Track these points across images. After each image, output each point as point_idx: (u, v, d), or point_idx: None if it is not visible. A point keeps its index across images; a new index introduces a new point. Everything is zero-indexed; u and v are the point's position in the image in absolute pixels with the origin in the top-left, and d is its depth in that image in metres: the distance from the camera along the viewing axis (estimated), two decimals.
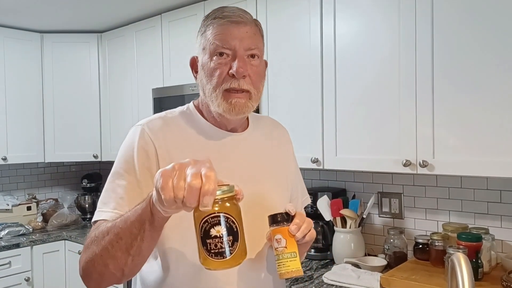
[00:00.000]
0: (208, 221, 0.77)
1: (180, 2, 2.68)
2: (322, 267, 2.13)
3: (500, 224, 1.89)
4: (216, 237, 0.77)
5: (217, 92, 1.04)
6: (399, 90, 1.80)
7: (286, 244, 0.95)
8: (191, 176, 0.72)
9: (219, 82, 1.04)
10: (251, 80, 1.05)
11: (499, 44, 1.55)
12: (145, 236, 0.85)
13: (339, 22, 1.98)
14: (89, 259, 0.91)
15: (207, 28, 1.07)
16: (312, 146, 2.08)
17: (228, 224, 0.78)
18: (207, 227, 0.77)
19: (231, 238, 0.78)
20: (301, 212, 1.01)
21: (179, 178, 0.73)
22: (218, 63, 1.04)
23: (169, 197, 0.72)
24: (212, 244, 0.77)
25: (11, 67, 3.14)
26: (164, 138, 1.06)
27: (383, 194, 2.25)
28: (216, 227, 0.77)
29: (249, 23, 1.06)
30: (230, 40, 1.03)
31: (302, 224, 0.96)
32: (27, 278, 2.91)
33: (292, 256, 0.95)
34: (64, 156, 3.34)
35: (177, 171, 0.74)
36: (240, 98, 1.04)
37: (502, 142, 1.55)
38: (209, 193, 0.72)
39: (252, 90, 1.05)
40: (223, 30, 1.04)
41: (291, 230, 0.95)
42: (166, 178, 0.73)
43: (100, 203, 1.02)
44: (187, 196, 0.72)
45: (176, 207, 0.74)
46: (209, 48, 1.05)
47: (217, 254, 0.78)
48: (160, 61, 2.85)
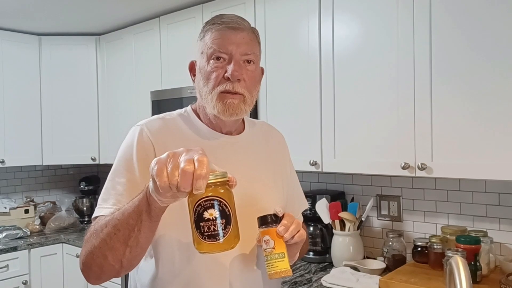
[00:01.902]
0: (201, 204, 0.80)
1: (178, 5, 2.69)
2: (321, 270, 2.12)
3: (498, 226, 1.89)
4: (209, 219, 0.80)
5: (212, 94, 1.07)
6: (397, 93, 1.80)
7: (274, 245, 0.97)
8: (185, 162, 0.76)
9: (215, 84, 1.07)
10: (245, 84, 1.08)
11: (497, 49, 1.55)
12: (142, 227, 0.87)
13: (337, 26, 1.99)
14: (89, 252, 0.94)
15: (206, 33, 1.11)
16: (310, 149, 2.08)
17: (221, 208, 0.81)
18: (201, 210, 0.80)
19: (224, 221, 0.81)
20: (290, 213, 1.02)
21: (173, 165, 0.76)
22: (214, 66, 1.07)
23: (164, 183, 0.76)
24: (206, 227, 0.80)
25: (9, 70, 3.13)
26: (162, 138, 1.09)
27: (382, 197, 2.24)
28: (209, 210, 0.80)
29: (247, 29, 1.10)
30: (227, 45, 1.07)
31: (290, 225, 0.98)
32: (25, 281, 2.90)
33: (280, 257, 0.96)
34: (62, 159, 3.34)
35: (171, 158, 0.77)
36: (234, 99, 1.07)
37: (500, 145, 1.56)
38: (201, 176, 0.75)
39: (246, 94, 1.08)
40: (220, 35, 1.07)
41: (279, 231, 0.97)
42: (161, 165, 0.77)
43: (100, 200, 1.05)
44: (181, 181, 0.75)
45: (171, 194, 0.78)
46: (206, 52, 1.09)
47: (210, 237, 0.80)
48: (158, 63, 2.85)
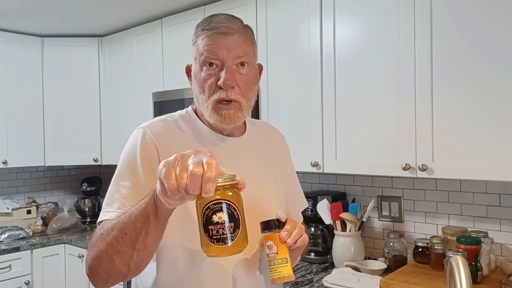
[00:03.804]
0: (210, 207, 0.78)
1: (180, 7, 2.70)
2: (322, 271, 2.13)
3: (499, 227, 1.89)
4: (218, 223, 0.79)
5: (208, 103, 1.07)
6: (398, 94, 1.80)
7: (277, 250, 0.96)
8: (193, 164, 0.74)
9: (210, 93, 1.06)
10: (240, 90, 1.07)
11: (497, 50, 1.56)
12: (150, 230, 0.86)
13: (338, 27, 1.99)
14: (95, 257, 0.92)
15: (197, 38, 1.09)
16: (312, 150, 2.09)
17: (230, 211, 0.80)
18: (209, 214, 0.79)
19: (232, 225, 0.80)
20: (293, 218, 1.02)
21: (181, 167, 0.75)
22: (207, 74, 1.06)
23: (172, 186, 0.74)
24: (214, 230, 0.79)
25: (12, 71, 3.14)
26: (166, 140, 1.08)
27: (383, 197, 2.25)
28: (218, 214, 0.79)
29: (237, 32, 1.06)
30: (218, 51, 1.05)
31: (293, 230, 0.98)
32: (27, 281, 2.91)
33: (283, 262, 0.96)
34: (64, 160, 3.35)
35: (180, 161, 0.76)
36: (229, 110, 1.06)
37: (500, 145, 1.56)
38: (210, 179, 0.74)
39: (241, 100, 1.07)
40: (210, 41, 1.05)
41: (282, 236, 0.96)
42: (169, 168, 0.75)
43: (104, 204, 1.04)
44: (189, 184, 0.73)
45: (179, 196, 0.76)
46: (199, 59, 1.08)
47: (219, 240, 0.79)
48: (160, 65, 2.86)
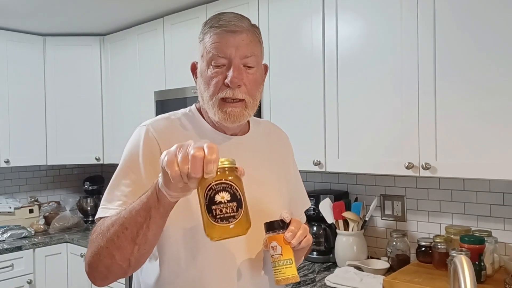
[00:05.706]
0: (212, 188, 0.80)
1: (182, 5, 2.69)
2: (324, 270, 2.12)
3: (503, 226, 1.88)
4: (221, 202, 0.81)
5: (213, 101, 1.06)
6: (401, 93, 1.79)
7: (281, 251, 0.96)
8: (194, 149, 0.77)
9: (215, 91, 1.05)
10: (246, 89, 1.06)
11: (501, 48, 1.55)
12: (151, 224, 0.87)
13: (341, 26, 1.98)
14: (95, 253, 0.92)
15: (204, 36, 1.08)
16: (314, 149, 2.08)
17: (232, 191, 0.82)
18: (212, 194, 0.80)
19: (235, 204, 0.82)
20: (297, 218, 1.01)
21: (183, 153, 0.77)
22: (214, 72, 1.05)
23: (175, 172, 0.76)
24: (218, 210, 0.81)
25: (14, 70, 3.15)
26: (168, 138, 1.07)
27: (385, 196, 2.24)
28: (220, 193, 0.81)
29: (245, 30, 1.06)
30: (226, 49, 1.04)
31: (297, 231, 0.98)
32: (29, 280, 2.91)
33: (288, 263, 0.96)
34: (66, 159, 3.35)
35: (181, 148, 0.79)
36: (235, 108, 1.06)
37: (504, 144, 1.55)
38: (212, 161, 0.76)
39: (247, 99, 1.07)
40: (219, 38, 1.05)
41: (286, 237, 0.96)
42: (171, 156, 0.78)
43: (104, 201, 1.03)
44: (191, 167, 0.76)
45: (182, 184, 0.78)
46: (206, 56, 1.07)
47: (222, 219, 0.81)
48: (162, 63, 2.86)
